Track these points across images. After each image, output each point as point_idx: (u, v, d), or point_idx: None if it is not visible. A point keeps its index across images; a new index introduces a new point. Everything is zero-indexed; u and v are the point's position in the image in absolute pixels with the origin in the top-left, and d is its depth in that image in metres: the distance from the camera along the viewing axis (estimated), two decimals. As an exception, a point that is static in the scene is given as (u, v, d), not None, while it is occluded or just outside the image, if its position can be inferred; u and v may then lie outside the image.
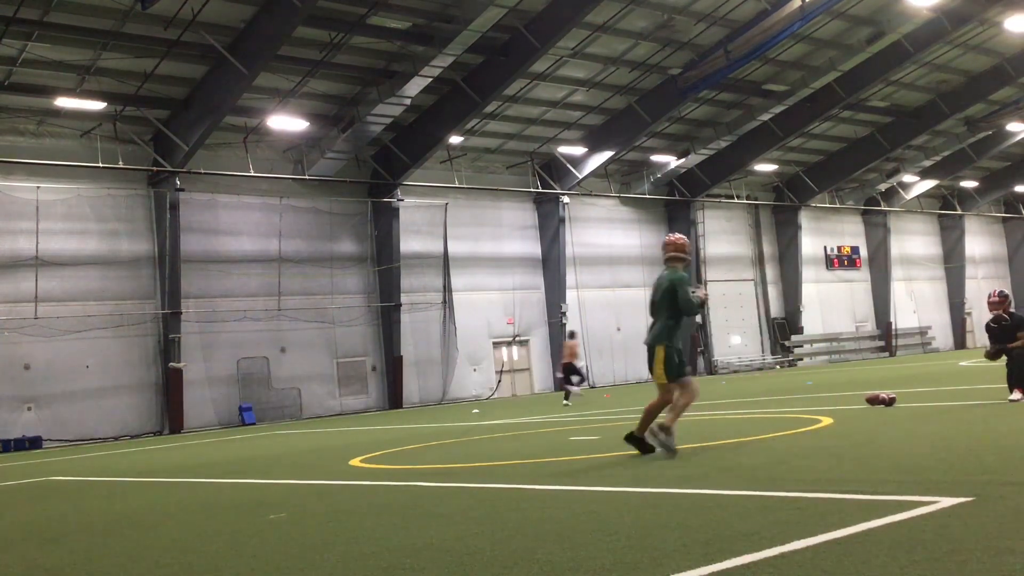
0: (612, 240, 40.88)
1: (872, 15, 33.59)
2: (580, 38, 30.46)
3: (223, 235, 30.81)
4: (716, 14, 31.07)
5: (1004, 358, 12.38)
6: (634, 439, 9.44)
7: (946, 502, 5.38)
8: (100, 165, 27.99)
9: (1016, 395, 12.02)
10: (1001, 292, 12.83)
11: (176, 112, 28.70)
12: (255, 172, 30.69)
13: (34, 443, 26.04)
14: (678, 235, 10.30)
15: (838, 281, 50.21)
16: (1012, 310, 12.61)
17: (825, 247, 49.81)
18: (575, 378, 24.17)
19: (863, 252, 51.68)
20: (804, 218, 47.55)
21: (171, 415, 28.79)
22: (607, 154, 37.12)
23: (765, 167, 43.78)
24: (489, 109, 32.79)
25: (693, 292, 9.57)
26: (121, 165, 28.42)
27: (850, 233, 51.44)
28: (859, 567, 4.07)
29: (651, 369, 9.49)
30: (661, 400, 9.43)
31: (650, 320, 9.85)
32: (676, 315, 9.54)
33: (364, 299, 33.76)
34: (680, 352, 9.55)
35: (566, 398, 23.31)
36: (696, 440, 10.50)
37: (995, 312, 12.57)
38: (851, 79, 36.82)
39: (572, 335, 26.80)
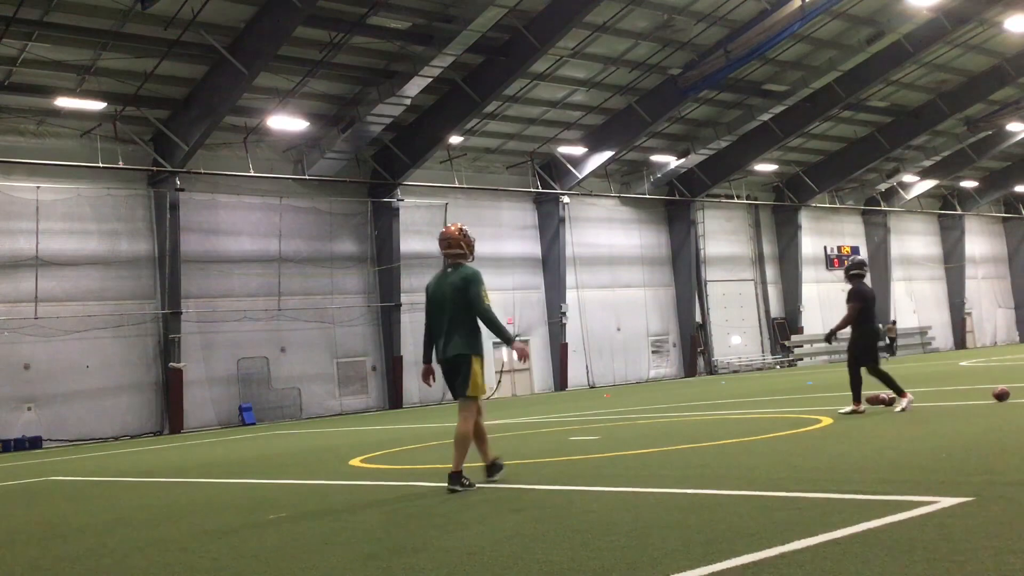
0: (612, 240, 40.89)
1: (872, 15, 33.61)
2: (580, 38, 30.47)
3: (223, 235, 30.81)
4: (716, 14, 31.08)
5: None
6: (453, 478, 7.78)
7: (946, 502, 5.38)
8: (100, 165, 27.99)
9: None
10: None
11: (176, 112, 28.71)
12: (255, 172, 30.69)
13: (34, 443, 26.04)
14: (453, 225, 8.45)
15: (838, 281, 50.13)
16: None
17: (825, 247, 49.82)
18: None
19: (863, 252, 51.65)
20: (804, 218, 47.56)
21: (171, 415, 28.79)
22: (607, 154, 37.13)
23: (765, 167, 43.80)
24: (489, 109, 32.79)
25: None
26: (121, 165, 28.43)
27: (850, 233, 51.45)
28: (859, 567, 4.06)
29: (460, 385, 8.06)
30: (467, 419, 7.96)
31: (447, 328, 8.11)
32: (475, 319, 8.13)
33: (364, 299, 33.77)
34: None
35: None
36: (696, 440, 10.50)
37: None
38: (851, 79, 36.84)
39: None
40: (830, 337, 12.99)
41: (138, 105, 28.07)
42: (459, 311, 8.05)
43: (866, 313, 12.47)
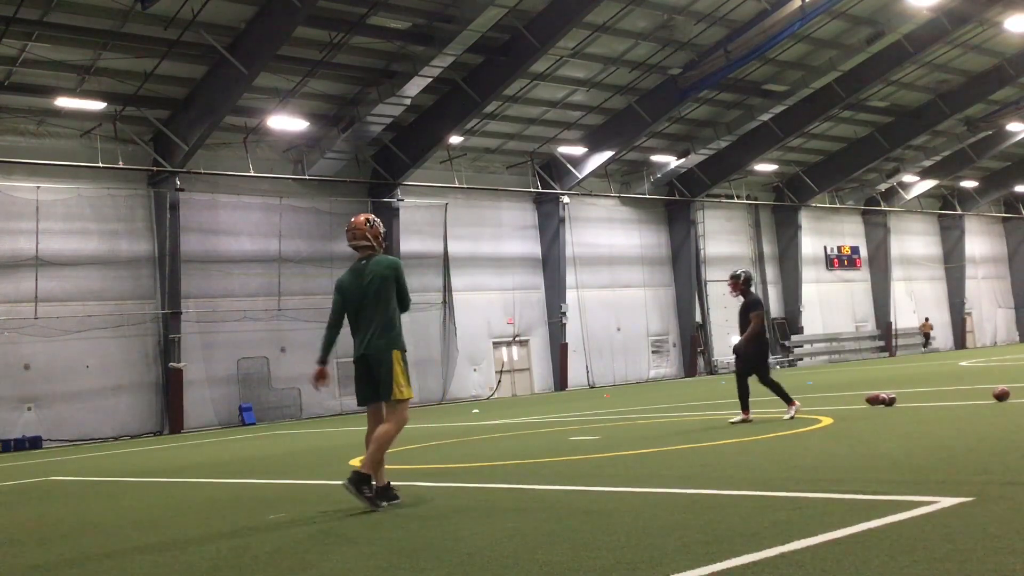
0: (612, 240, 40.88)
1: (872, 15, 33.61)
2: (580, 38, 30.46)
3: (223, 235, 30.81)
4: (716, 14, 31.08)
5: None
6: (361, 479, 7.06)
7: (946, 502, 5.38)
8: (100, 165, 27.99)
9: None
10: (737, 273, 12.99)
11: (176, 112, 28.70)
12: (255, 172, 30.69)
13: (34, 443, 26.03)
14: (362, 215, 8.09)
15: (838, 281, 50.22)
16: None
17: (825, 247, 49.81)
18: None
19: (863, 252, 51.68)
20: (804, 218, 47.55)
21: (171, 415, 28.78)
22: (607, 154, 37.13)
23: (765, 167, 43.79)
24: (489, 109, 32.78)
25: None
26: (121, 165, 28.42)
27: (850, 233, 51.45)
28: (859, 567, 4.07)
29: (385, 385, 7.51)
30: (399, 424, 7.41)
31: (365, 321, 7.74)
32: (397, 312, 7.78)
33: (364, 299, 33.70)
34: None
35: None
36: (696, 440, 10.50)
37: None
38: (851, 79, 36.84)
39: None
40: (739, 348, 12.71)
41: (138, 105, 28.07)
42: (380, 305, 7.58)
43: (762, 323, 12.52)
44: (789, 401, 12.31)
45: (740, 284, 12.77)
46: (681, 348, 42.90)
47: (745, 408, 12.34)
